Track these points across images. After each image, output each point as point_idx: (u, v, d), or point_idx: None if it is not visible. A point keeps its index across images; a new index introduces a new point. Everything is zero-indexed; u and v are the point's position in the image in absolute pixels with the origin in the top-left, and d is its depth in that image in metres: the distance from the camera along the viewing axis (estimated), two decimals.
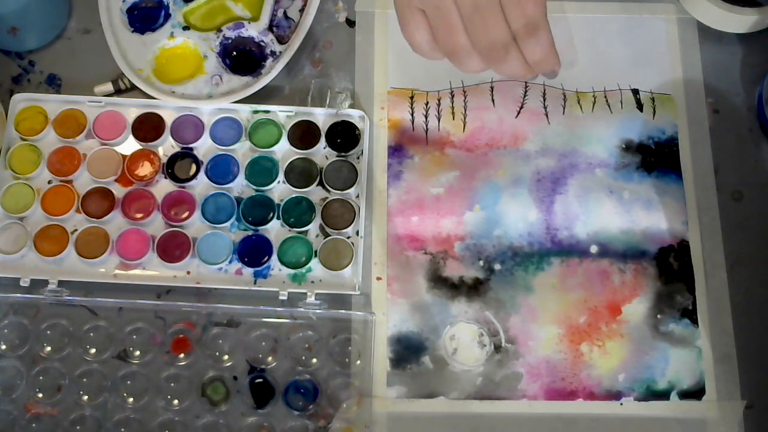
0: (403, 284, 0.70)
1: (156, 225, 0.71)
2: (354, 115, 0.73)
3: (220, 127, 0.73)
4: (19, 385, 0.67)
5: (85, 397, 0.67)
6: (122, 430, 0.66)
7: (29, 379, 0.67)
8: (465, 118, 0.75)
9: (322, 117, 0.74)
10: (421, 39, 0.60)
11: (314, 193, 0.72)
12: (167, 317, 0.69)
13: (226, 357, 0.68)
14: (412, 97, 0.75)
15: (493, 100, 0.75)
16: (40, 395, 0.66)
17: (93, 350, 0.68)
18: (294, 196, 0.71)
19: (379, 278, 0.70)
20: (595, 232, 0.72)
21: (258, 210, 0.71)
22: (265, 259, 0.69)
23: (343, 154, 0.73)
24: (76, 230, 0.70)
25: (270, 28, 0.75)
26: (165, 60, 0.75)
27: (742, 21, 0.76)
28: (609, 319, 0.69)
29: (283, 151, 0.73)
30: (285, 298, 0.69)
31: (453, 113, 0.75)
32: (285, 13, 0.76)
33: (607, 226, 0.72)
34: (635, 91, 0.76)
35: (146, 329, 0.68)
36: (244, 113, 0.74)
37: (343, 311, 0.69)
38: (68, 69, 0.76)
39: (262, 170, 0.72)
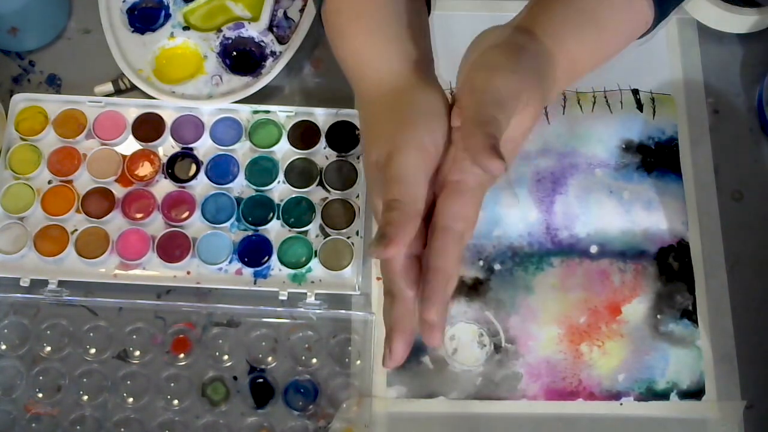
0: None
1: (156, 225, 0.71)
2: (354, 115, 0.73)
3: (220, 127, 0.73)
4: (19, 385, 0.67)
5: (85, 397, 0.67)
6: (122, 430, 0.66)
7: (29, 379, 0.67)
8: None
9: (322, 117, 0.74)
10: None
11: (314, 193, 0.72)
12: (167, 317, 0.69)
13: (226, 357, 0.68)
14: None
15: None
16: (40, 395, 0.66)
17: (93, 350, 0.68)
18: (294, 196, 0.71)
19: (379, 278, 0.70)
20: (595, 232, 0.72)
21: (258, 210, 0.71)
22: (265, 259, 0.69)
23: (343, 154, 0.73)
24: (76, 230, 0.70)
25: (270, 28, 0.75)
26: (165, 60, 0.75)
27: (742, 21, 0.76)
28: (609, 319, 0.69)
29: (283, 151, 0.73)
30: (285, 298, 0.69)
31: None
32: (285, 13, 0.76)
33: (607, 226, 0.72)
34: (635, 91, 0.76)
35: (146, 329, 0.68)
36: (244, 113, 0.74)
37: (343, 311, 0.69)
38: (68, 69, 0.76)
39: (262, 170, 0.72)
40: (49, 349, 0.68)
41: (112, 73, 0.75)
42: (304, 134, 0.73)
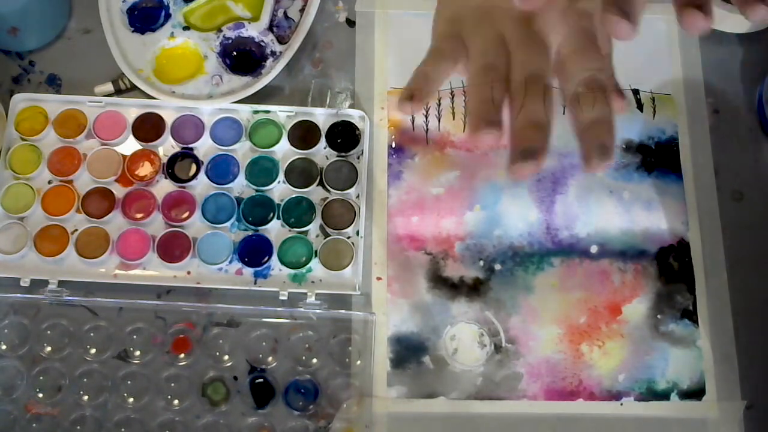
0: (404, 284, 0.70)
1: (156, 225, 0.71)
2: (354, 115, 0.73)
3: (221, 127, 0.73)
4: (19, 385, 0.67)
5: (86, 397, 0.67)
6: (122, 430, 0.66)
7: (29, 379, 0.67)
8: (465, 118, 0.75)
9: (322, 117, 0.74)
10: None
11: (314, 193, 0.72)
12: (167, 317, 0.69)
13: (226, 357, 0.68)
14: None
15: None
16: (41, 395, 0.66)
17: (93, 350, 0.68)
18: (294, 196, 0.71)
19: (379, 278, 0.70)
20: (596, 232, 0.72)
21: (258, 210, 0.71)
22: (266, 259, 0.69)
23: (343, 154, 0.73)
24: (76, 230, 0.70)
25: (270, 28, 0.75)
26: (165, 60, 0.75)
27: (742, 21, 0.76)
28: (609, 319, 0.70)
29: (284, 151, 0.73)
30: (285, 298, 0.69)
31: (453, 113, 0.75)
32: (285, 13, 0.76)
33: (607, 226, 0.72)
34: (635, 91, 0.76)
35: (146, 329, 0.68)
36: (245, 113, 0.74)
37: (343, 311, 0.69)
38: (68, 69, 0.76)
39: (262, 170, 0.72)
40: (49, 349, 0.68)
41: (112, 73, 0.75)
42: (304, 134, 0.73)
